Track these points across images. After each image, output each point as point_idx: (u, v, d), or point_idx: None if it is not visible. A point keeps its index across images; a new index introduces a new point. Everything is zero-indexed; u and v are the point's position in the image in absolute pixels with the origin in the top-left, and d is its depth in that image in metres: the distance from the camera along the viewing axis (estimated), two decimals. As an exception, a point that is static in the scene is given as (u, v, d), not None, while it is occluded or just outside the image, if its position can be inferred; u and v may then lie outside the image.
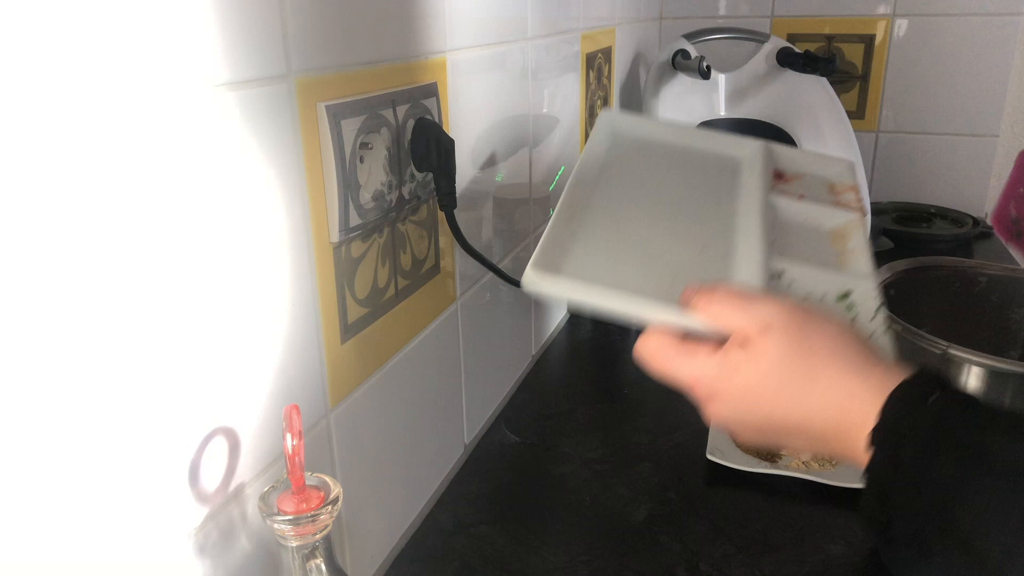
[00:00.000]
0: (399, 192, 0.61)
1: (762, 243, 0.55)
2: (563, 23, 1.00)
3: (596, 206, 0.60)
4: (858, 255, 0.57)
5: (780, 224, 0.60)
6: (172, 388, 0.42)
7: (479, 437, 0.85)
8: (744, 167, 0.67)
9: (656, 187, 0.64)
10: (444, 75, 0.68)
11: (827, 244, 0.59)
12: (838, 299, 0.53)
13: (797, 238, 0.59)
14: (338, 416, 0.58)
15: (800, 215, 0.62)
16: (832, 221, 0.61)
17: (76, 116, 0.34)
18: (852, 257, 0.57)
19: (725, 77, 1.38)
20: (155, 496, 0.41)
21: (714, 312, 0.45)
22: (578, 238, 0.55)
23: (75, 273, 0.35)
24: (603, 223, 0.58)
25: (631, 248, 0.56)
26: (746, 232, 0.57)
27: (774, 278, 0.53)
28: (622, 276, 0.52)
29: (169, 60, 0.39)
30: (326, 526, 0.44)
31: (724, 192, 0.64)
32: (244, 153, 0.45)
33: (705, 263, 0.55)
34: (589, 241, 0.55)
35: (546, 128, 0.98)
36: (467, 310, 0.79)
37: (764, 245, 0.55)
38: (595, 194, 0.61)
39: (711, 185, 0.65)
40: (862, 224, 0.60)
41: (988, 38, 1.43)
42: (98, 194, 0.36)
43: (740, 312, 0.45)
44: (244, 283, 0.46)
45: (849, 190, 0.65)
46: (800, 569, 0.65)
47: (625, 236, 0.57)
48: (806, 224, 0.61)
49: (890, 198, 1.52)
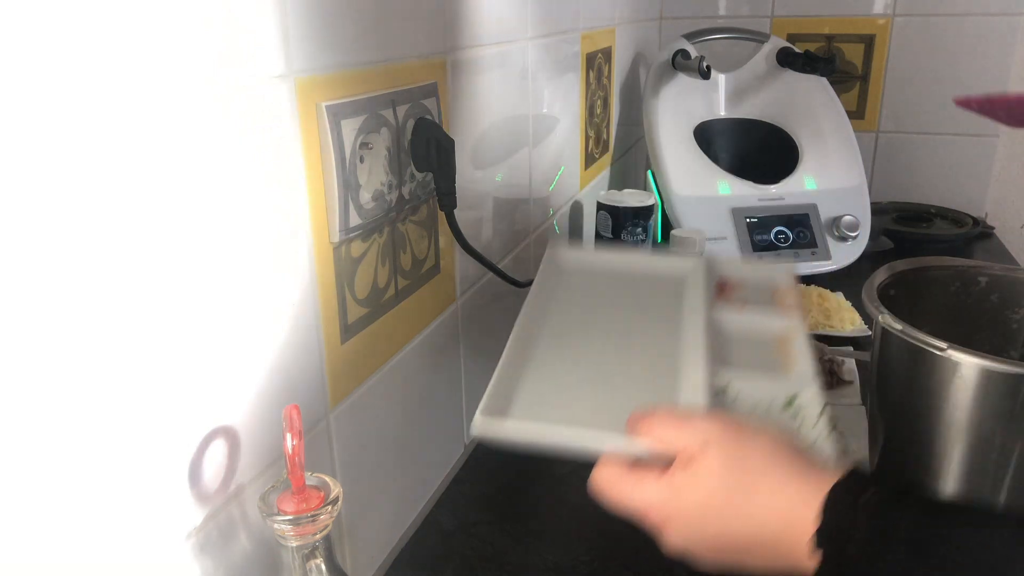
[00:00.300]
0: (399, 192, 0.61)
1: (706, 360, 0.57)
2: (563, 23, 1.00)
3: (543, 343, 0.62)
4: (801, 358, 0.59)
5: (725, 336, 0.63)
6: (172, 388, 0.42)
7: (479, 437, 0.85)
8: (688, 284, 0.69)
9: (602, 315, 0.67)
10: (444, 75, 0.68)
11: (771, 351, 0.61)
12: (784, 406, 0.55)
13: (742, 348, 0.61)
14: (338, 416, 0.58)
15: (744, 325, 0.64)
16: (775, 327, 0.64)
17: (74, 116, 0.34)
18: (795, 361, 0.59)
19: (725, 77, 1.38)
20: (155, 496, 0.41)
21: (656, 435, 0.46)
22: (526, 378, 0.58)
23: (75, 273, 0.35)
24: (550, 359, 0.60)
25: (579, 380, 0.58)
26: (690, 351, 0.59)
27: (720, 393, 0.55)
28: (570, 411, 0.54)
29: (169, 60, 0.39)
30: (326, 526, 0.44)
31: (669, 312, 0.66)
32: (244, 153, 0.45)
33: (653, 386, 0.57)
34: (537, 380, 0.58)
35: (546, 128, 0.98)
36: (467, 310, 0.79)
37: (708, 362, 0.57)
38: (543, 331, 0.64)
39: (656, 306, 0.68)
40: (803, 327, 0.62)
41: (988, 38, 1.43)
42: (98, 195, 0.36)
43: (680, 432, 0.45)
44: (244, 283, 0.46)
45: (791, 294, 0.67)
46: (800, 569, 0.65)
47: (573, 369, 0.59)
48: (750, 333, 0.63)
49: (890, 198, 1.52)
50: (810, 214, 1.25)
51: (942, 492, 0.61)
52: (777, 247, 1.23)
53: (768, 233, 1.23)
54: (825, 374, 0.90)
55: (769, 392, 0.55)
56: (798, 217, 1.25)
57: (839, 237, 1.24)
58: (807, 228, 1.25)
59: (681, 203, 1.24)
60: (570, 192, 1.12)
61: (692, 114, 1.34)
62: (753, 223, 1.24)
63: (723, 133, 1.37)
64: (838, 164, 1.30)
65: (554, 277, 0.71)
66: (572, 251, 0.76)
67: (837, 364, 0.92)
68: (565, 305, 0.68)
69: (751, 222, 1.24)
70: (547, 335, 0.63)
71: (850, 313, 1.07)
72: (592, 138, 1.20)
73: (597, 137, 1.23)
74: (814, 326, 1.05)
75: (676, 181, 1.25)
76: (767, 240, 1.23)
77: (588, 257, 0.75)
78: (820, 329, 1.04)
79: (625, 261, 0.74)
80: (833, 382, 0.90)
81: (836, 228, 1.25)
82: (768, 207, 1.25)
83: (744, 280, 0.70)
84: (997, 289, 0.72)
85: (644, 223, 1.06)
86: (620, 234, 1.06)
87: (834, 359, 0.92)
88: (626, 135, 1.44)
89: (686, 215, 1.23)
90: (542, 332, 0.63)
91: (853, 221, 1.25)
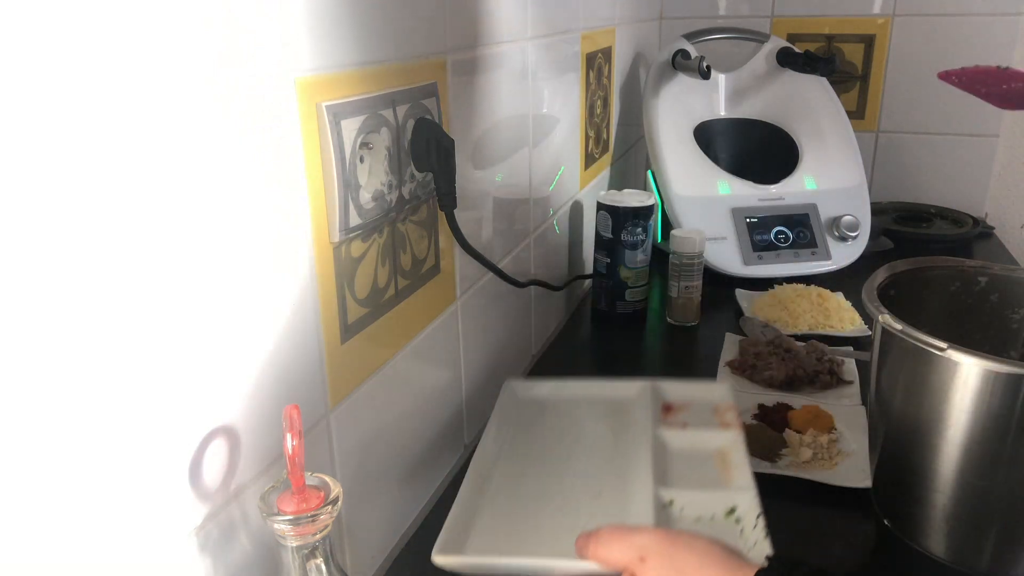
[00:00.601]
0: (399, 192, 0.61)
1: (651, 479, 0.63)
2: (563, 23, 1.00)
3: (499, 475, 0.68)
4: (739, 469, 0.64)
5: (669, 454, 0.69)
6: (172, 388, 0.42)
7: (479, 437, 0.85)
8: (635, 408, 0.76)
9: (555, 443, 0.73)
10: (444, 75, 0.68)
11: (712, 464, 0.67)
12: (726, 515, 0.60)
13: (685, 464, 0.67)
14: (338, 416, 0.58)
15: (686, 442, 0.70)
16: (715, 442, 0.69)
17: (74, 118, 0.34)
18: (734, 473, 0.65)
19: (725, 77, 1.38)
20: (156, 495, 0.41)
21: (601, 555, 0.50)
22: (482, 511, 0.63)
23: (76, 273, 0.35)
24: (505, 491, 0.66)
25: (532, 509, 0.63)
26: (636, 471, 0.65)
27: (666, 507, 0.61)
28: (524, 540, 0.59)
29: (169, 60, 0.39)
30: (326, 526, 0.44)
31: (618, 434, 0.72)
32: (244, 153, 0.45)
33: (603, 507, 0.62)
34: (493, 512, 0.63)
35: (546, 128, 0.98)
36: (467, 310, 0.79)
37: (653, 480, 0.62)
38: (498, 463, 0.69)
39: (605, 431, 0.74)
40: (741, 440, 0.68)
41: (988, 38, 1.43)
42: (99, 196, 0.36)
43: (621, 548, 0.49)
44: (244, 283, 0.46)
45: (729, 410, 0.73)
46: (800, 569, 0.65)
47: (527, 498, 0.64)
48: (693, 450, 0.69)
49: (890, 198, 1.52)
50: (810, 214, 1.25)
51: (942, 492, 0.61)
52: (777, 247, 1.23)
53: (768, 233, 1.23)
54: (825, 374, 0.90)
55: (711, 503, 0.61)
56: (798, 217, 1.25)
57: (839, 237, 1.24)
58: (807, 228, 1.25)
59: (681, 203, 1.24)
60: (570, 192, 1.12)
61: (692, 114, 1.34)
62: (753, 223, 1.24)
63: (723, 133, 1.37)
64: (838, 164, 1.30)
65: (510, 410, 0.78)
66: (526, 382, 0.83)
67: (837, 364, 0.92)
68: (520, 436, 0.74)
69: (751, 222, 1.24)
70: (502, 467, 0.69)
71: (850, 313, 1.07)
72: (592, 138, 1.20)
73: (597, 137, 1.23)
74: (814, 326, 1.05)
75: (676, 181, 1.25)
76: (767, 240, 1.23)
77: (542, 388, 0.82)
78: (820, 329, 1.04)
79: (577, 389, 0.81)
80: (833, 382, 0.90)
81: (836, 228, 1.25)
82: (768, 207, 1.25)
83: (687, 400, 0.77)
84: (997, 289, 0.72)
85: (644, 223, 1.06)
86: (620, 234, 1.06)
87: (834, 359, 0.92)
88: (626, 135, 1.44)
89: (686, 215, 1.23)
90: (497, 464, 0.69)
91: (853, 221, 1.25)
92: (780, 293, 1.11)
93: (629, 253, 1.07)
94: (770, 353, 0.94)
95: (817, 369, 0.91)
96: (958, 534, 0.63)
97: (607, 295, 1.10)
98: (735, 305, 1.15)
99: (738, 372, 0.94)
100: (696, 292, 1.09)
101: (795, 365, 0.90)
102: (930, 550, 0.64)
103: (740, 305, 1.13)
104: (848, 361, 0.94)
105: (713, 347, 1.01)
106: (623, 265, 1.08)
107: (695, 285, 1.09)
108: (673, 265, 1.09)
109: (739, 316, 1.11)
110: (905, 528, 0.66)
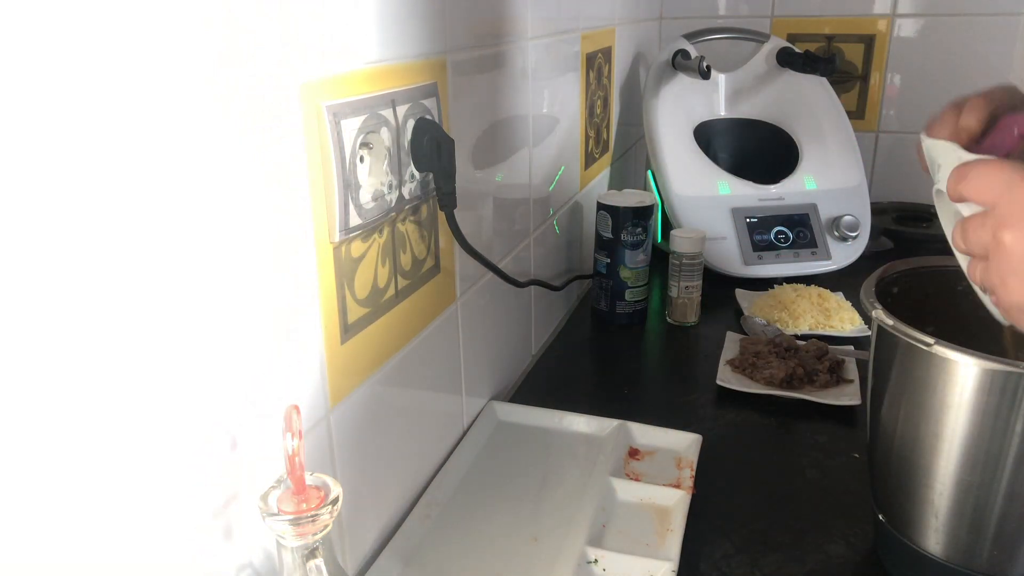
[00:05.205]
0: (399, 192, 0.61)
1: (585, 532, 0.65)
2: (563, 23, 1.00)
3: (454, 502, 0.71)
4: (673, 536, 0.66)
5: (616, 505, 0.71)
6: (172, 388, 0.42)
7: (479, 437, 0.85)
8: (604, 446, 0.78)
9: (517, 476, 0.75)
10: (444, 75, 0.68)
11: (652, 523, 0.68)
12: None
13: (626, 519, 0.69)
14: (338, 416, 0.58)
15: (635, 496, 0.71)
16: (662, 501, 0.71)
17: (74, 119, 0.34)
18: (668, 537, 0.66)
19: (725, 77, 1.38)
20: (155, 496, 0.41)
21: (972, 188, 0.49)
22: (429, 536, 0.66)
23: (77, 273, 0.35)
24: (454, 519, 0.68)
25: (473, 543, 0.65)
26: (577, 521, 0.67)
27: (590, 563, 0.63)
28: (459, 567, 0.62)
29: (169, 60, 0.39)
30: (326, 526, 0.44)
31: (576, 477, 0.74)
32: (244, 153, 0.45)
33: (535, 553, 0.65)
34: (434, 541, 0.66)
35: (546, 128, 0.98)
36: (467, 310, 0.79)
37: (587, 534, 0.65)
38: (457, 492, 0.72)
39: (569, 469, 0.76)
40: (686, 502, 0.69)
41: (988, 38, 1.42)
42: (99, 196, 0.36)
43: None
44: (244, 283, 0.46)
45: (688, 467, 0.75)
46: (800, 569, 0.65)
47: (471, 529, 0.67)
48: (639, 505, 0.71)
49: (890, 198, 1.52)
50: (810, 214, 1.25)
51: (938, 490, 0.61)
52: (777, 247, 1.23)
53: (768, 233, 1.23)
54: (825, 373, 0.91)
55: (632, 570, 0.62)
56: (798, 217, 1.25)
57: (839, 237, 1.24)
58: (807, 228, 1.25)
59: (681, 203, 1.24)
60: (570, 192, 1.12)
61: (692, 114, 1.34)
62: (753, 223, 1.24)
63: (723, 133, 1.37)
64: (838, 164, 1.30)
65: (487, 433, 0.81)
66: (508, 405, 0.85)
67: (837, 363, 0.92)
68: (487, 463, 0.77)
69: (751, 222, 1.24)
70: (460, 496, 0.72)
71: (850, 313, 1.07)
72: (592, 138, 1.20)
73: (597, 137, 1.23)
74: (814, 326, 1.05)
75: (676, 181, 1.25)
76: (767, 240, 1.23)
77: (522, 414, 0.84)
78: (820, 329, 1.04)
79: (553, 420, 0.83)
80: (833, 381, 0.91)
81: (836, 228, 1.25)
82: (768, 207, 1.25)
83: (654, 447, 0.79)
84: (997, 289, 0.72)
85: (644, 223, 1.07)
86: (620, 234, 1.06)
87: (834, 358, 0.93)
88: (626, 135, 1.44)
89: (686, 215, 1.23)
90: (456, 492, 0.72)
91: (853, 221, 1.25)
92: (780, 293, 1.11)
93: (629, 253, 1.07)
94: (771, 351, 0.94)
95: (818, 368, 0.91)
96: (955, 532, 0.63)
97: (607, 295, 1.10)
98: (735, 305, 1.15)
99: (739, 370, 0.94)
100: (696, 292, 1.09)
101: (795, 363, 0.91)
102: (927, 548, 0.64)
103: (740, 305, 1.13)
104: (848, 360, 0.94)
105: (713, 347, 1.01)
106: (623, 265, 1.08)
107: (695, 285, 1.09)
108: (673, 265, 1.09)
109: (739, 316, 1.11)
110: (902, 526, 0.66)
